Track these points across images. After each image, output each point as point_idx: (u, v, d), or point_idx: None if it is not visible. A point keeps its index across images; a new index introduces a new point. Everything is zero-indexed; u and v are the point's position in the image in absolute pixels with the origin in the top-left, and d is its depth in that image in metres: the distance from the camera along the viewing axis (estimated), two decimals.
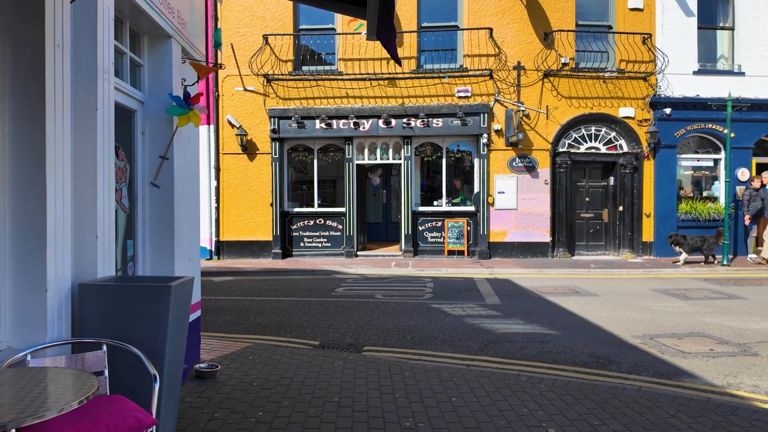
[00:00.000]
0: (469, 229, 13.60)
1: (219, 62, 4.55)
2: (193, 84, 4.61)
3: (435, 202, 13.99)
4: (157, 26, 4.05)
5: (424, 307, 8.02)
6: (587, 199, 13.93)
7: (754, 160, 13.89)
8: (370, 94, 13.60)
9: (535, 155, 13.56)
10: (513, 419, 3.68)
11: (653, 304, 8.10)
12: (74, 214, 3.01)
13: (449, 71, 13.56)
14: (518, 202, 13.59)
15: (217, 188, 13.84)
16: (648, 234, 13.21)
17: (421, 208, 13.80)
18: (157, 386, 2.46)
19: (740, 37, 13.89)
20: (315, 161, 13.98)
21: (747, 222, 12.42)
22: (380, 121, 13.36)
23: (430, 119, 13.43)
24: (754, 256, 12.59)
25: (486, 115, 13.38)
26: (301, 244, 13.82)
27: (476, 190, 13.71)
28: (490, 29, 13.34)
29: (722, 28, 14.18)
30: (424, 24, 13.82)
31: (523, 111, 13.35)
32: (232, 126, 13.64)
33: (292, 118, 13.41)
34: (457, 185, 14.23)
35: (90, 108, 3.07)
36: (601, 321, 7.01)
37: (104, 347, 2.63)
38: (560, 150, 13.56)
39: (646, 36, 13.35)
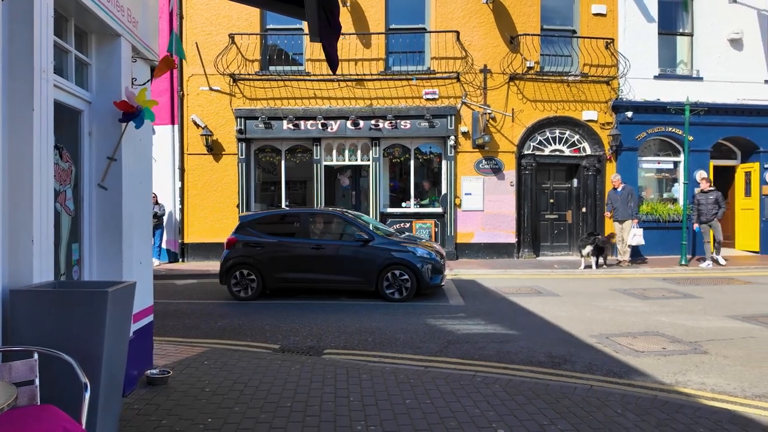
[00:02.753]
0: (436, 230, 13.67)
1: (173, 58, 4.41)
2: (144, 84, 4.50)
3: (403, 204, 14.02)
4: (105, 24, 3.94)
5: (388, 309, 8.03)
6: (552, 200, 14.16)
7: (712, 163, 14.33)
8: (338, 95, 13.56)
9: (501, 157, 13.72)
10: (464, 420, 3.70)
11: (612, 303, 8.28)
12: (9, 218, 2.90)
13: (417, 73, 13.62)
14: (485, 204, 13.73)
15: (182, 189, 13.59)
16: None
17: (390, 210, 13.82)
18: (87, 395, 2.38)
19: (699, 43, 14.32)
20: (282, 162, 13.87)
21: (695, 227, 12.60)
22: (348, 123, 13.34)
23: (398, 121, 13.46)
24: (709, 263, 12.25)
25: (453, 117, 13.48)
26: None
27: (444, 191, 13.80)
28: (457, 32, 13.45)
29: (682, 34, 14.59)
30: (392, 26, 13.85)
31: (489, 113, 13.50)
32: (197, 126, 13.42)
33: (259, 119, 13.27)
34: (425, 187, 14.31)
35: (26, 108, 2.97)
36: (560, 321, 7.12)
37: (35, 355, 2.54)
38: (525, 152, 13.75)
39: (608, 41, 13.65)
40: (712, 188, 12.41)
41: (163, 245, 13.51)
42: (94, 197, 4.07)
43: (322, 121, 13.28)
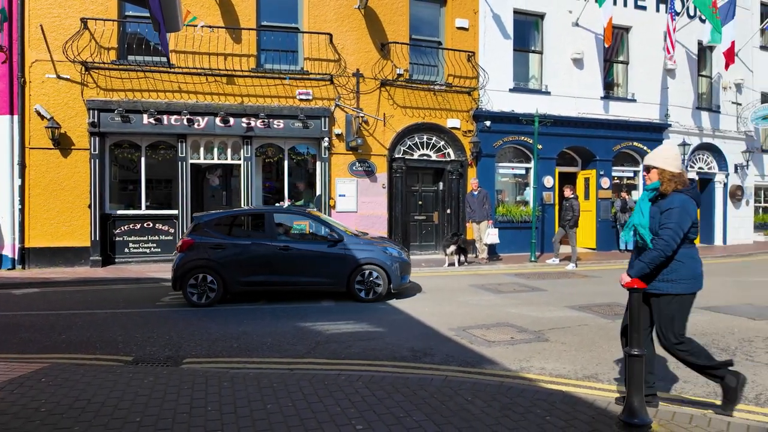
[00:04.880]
0: (311, 230, 13.61)
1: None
2: None
3: (277, 204, 13.78)
4: None
5: (256, 313, 7.85)
6: (420, 202, 14.86)
7: (558, 169, 16.02)
8: (206, 90, 12.96)
9: (374, 160, 14.08)
10: (324, 420, 3.74)
11: (470, 298, 8.89)
12: None
13: (290, 73, 13.49)
14: (358, 205, 13.99)
15: (22, 187, 12.08)
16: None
17: None
18: None
19: (547, 61, 15.92)
20: (143, 159, 12.91)
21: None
22: (217, 119, 12.80)
23: (271, 120, 13.21)
24: (572, 266, 13.02)
25: (327, 119, 13.56)
26: (126, 250, 12.68)
27: (318, 192, 13.82)
28: (330, 35, 13.55)
29: (533, 52, 16.11)
30: (264, 23, 13.57)
31: (362, 117, 13.78)
32: (42, 117, 12.02)
33: (116, 111, 12.23)
34: (300, 187, 14.21)
35: None
36: (423, 316, 7.48)
37: None
38: (396, 156, 14.27)
39: (470, 54, 14.64)
40: (571, 195, 13.15)
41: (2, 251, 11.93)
42: None
43: (188, 116, 12.60)
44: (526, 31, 16.04)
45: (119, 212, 12.75)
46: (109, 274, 11.22)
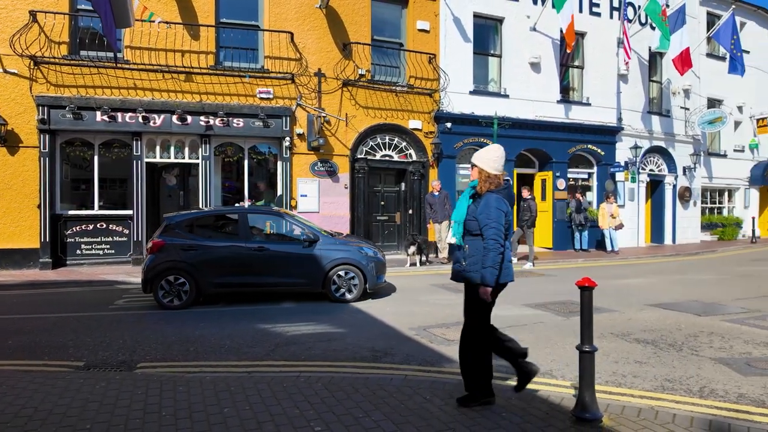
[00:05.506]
0: (272, 231, 13.46)
1: None
2: None
3: (237, 205, 13.56)
4: None
5: (213, 315, 7.71)
6: (382, 202, 14.91)
7: (516, 171, 16.34)
8: (162, 87, 12.64)
9: (336, 160, 14.04)
10: (282, 422, 3.71)
11: (431, 297, 8.99)
12: None
13: (250, 71, 13.30)
14: (320, 206, 13.92)
15: None
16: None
17: None
18: None
19: (506, 65, 16.23)
20: (96, 158, 12.48)
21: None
22: (174, 117, 12.50)
23: (230, 119, 12.99)
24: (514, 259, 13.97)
25: (288, 118, 13.43)
26: (78, 252, 12.23)
27: (280, 192, 13.67)
28: (291, 33, 13.44)
29: (493, 55, 16.40)
30: (224, 19, 13.34)
31: (324, 117, 13.72)
32: None
33: (67, 108, 11.79)
34: (260, 187, 14.03)
35: None
36: (385, 317, 7.52)
37: None
38: (359, 156, 14.27)
39: (431, 56, 14.78)
40: (529, 196, 13.68)
41: None
42: None
43: (144, 114, 12.25)
44: (486, 34, 16.31)
45: (71, 212, 12.29)
46: (60, 277, 10.80)
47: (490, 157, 3.97)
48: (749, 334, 6.64)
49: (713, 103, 21.44)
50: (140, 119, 12.25)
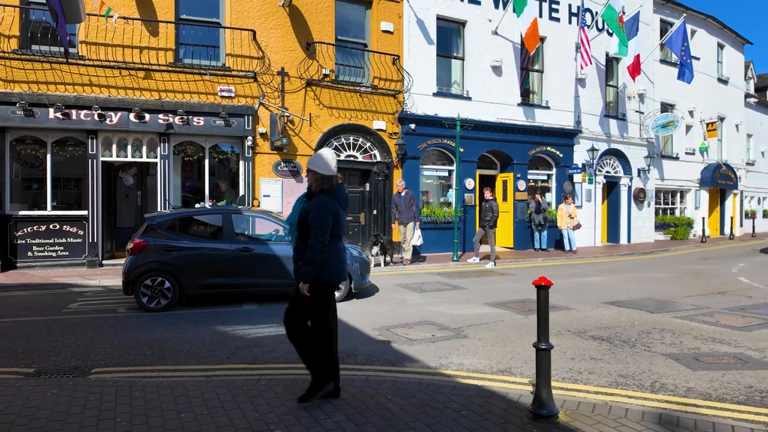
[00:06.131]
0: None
1: None
2: None
3: (197, 205, 13.28)
4: None
5: (172, 318, 7.54)
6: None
7: (478, 172, 16.60)
8: (119, 84, 12.27)
9: (300, 160, 13.93)
10: (242, 426, 3.67)
11: (395, 297, 9.03)
12: None
13: (211, 69, 13.06)
14: (284, 206, 13.78)
15: None
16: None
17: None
18: None
19: (468, 67, 16.46)
20: (48, 156, 12.01)
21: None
22: (132, 115, 12.15)
23: (190, 117, 12.71)
24: (475, 258, 14.06)
25: (251, 117, 13.25)
26: (29, 254, 11.75)
27: (242, 192, 13.47)
28: (254, 31, 13.26)
29: (455, 58, 16.59)
30: (183, 16, 13.05)
31: (287, 116, 13.60)
32: None
33: (17, 104, 11.30)
34: (222, 187, 13.78)
35: None
36: (348, 317, 7.50)
37: None
38: None
39: (395, 57, 14.85)
40: (491, 197, 13.84)
41: None
42: None
43: (100, 111, 11.87)
44: (449, 37, 16.49)
45: (21, 213, 11.78)
46: (10, 280, 10.34)
47: (321, 161, 4.11)
48: (698, 330, 6.94)
49: (666, 107, 22.29)
50: (96, 117, 11.86)
